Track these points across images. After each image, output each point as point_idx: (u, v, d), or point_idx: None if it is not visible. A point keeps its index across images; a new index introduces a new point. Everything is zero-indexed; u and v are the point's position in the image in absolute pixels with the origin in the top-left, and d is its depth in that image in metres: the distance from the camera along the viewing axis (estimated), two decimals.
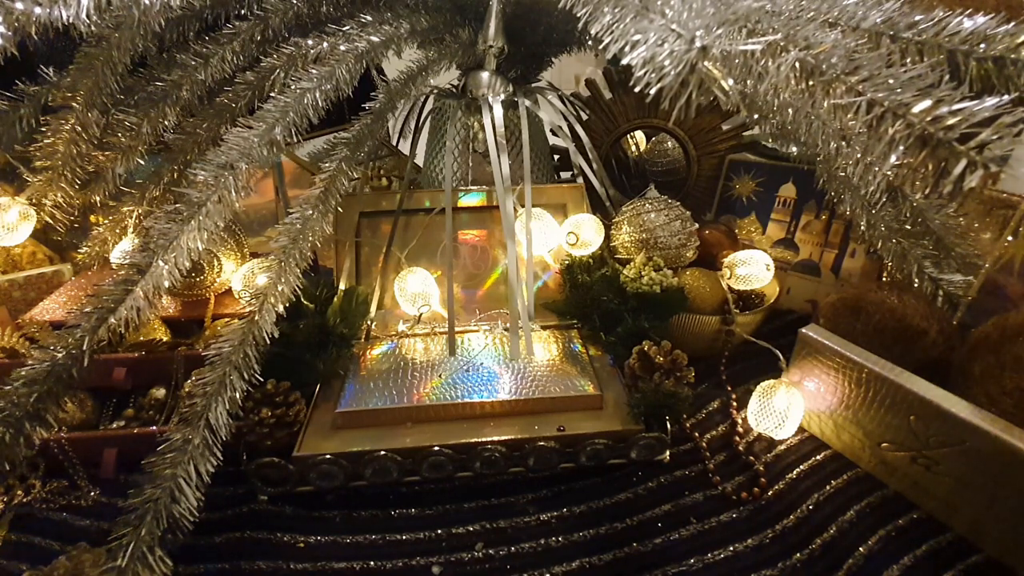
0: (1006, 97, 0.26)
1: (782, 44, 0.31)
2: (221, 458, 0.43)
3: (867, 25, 0.39)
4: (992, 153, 0.25)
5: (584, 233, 0.66)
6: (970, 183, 0.26)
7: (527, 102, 0.69)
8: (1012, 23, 0.36)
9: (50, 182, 0.58)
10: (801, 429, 0.58)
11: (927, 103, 0.27)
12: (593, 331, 0.64)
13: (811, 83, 0.30)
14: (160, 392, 0.59)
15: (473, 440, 0.52)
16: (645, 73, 0.30)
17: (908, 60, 0.36)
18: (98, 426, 0.58)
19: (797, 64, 0.30)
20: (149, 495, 0.39)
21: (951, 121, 0.26)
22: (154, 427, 0.54)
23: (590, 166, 0.77)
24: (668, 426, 0.53)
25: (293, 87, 0.53)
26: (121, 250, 0.66)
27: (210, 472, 0.42)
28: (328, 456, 0.50)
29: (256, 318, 0.47)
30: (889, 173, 0.29)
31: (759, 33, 0.33)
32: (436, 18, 0.67)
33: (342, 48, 0.57)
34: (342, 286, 0.67)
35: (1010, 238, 0.54)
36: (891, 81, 0.28)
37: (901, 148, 0.27)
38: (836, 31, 0.31)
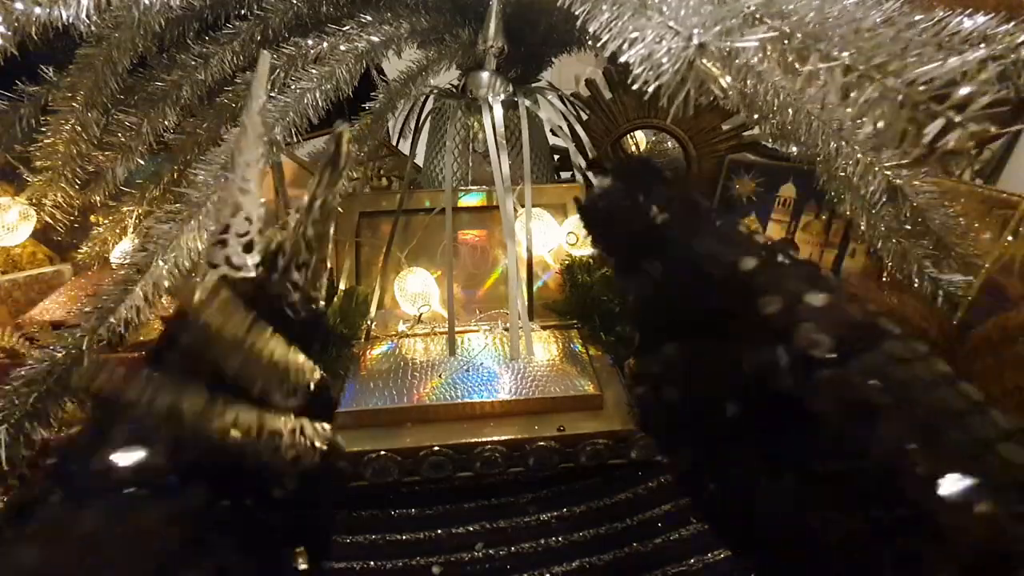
0: (980, 52, 0.26)
1: (757, 16, 0.31)
2: None
3: (867, 25, 0.39)
4: (970, 112, 0.25)
5: (584, 233, 0.66)
6: (948, 144, 0.25)
7: (527, 102, 0.69)
8: (1012, 23, 0.36)
9: (50, 182, 0.58)
10: None
11: (902, 63, 0.27)
12: (593, 331, 0.64)
13: (787, 53, 0.30)
14: None
15: (473, 440, 0.52)
16: (643, 71, 0.31)
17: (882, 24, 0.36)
18: None
19: (772, 34, 0.30)
20: None
21: (924, 83, 0.26)
22: None
23: None
24: None
25: (293, 87, 0.53)
26: (121, 250, 0.66)
27: None
28: None
29: None
30: (889, 173, 0.29)
31: (751, 21, 0.32)
32: (436, 18, 0.67)
33: (342, 48, 0.57)
34: (342, 286, 0.67)
35: (1010, 238, 0.54)
36: (865, 45, 0.28)
37: (877, 112, 0.27)
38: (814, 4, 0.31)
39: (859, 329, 0.21)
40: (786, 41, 0.30)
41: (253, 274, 0.25)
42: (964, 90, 0.25)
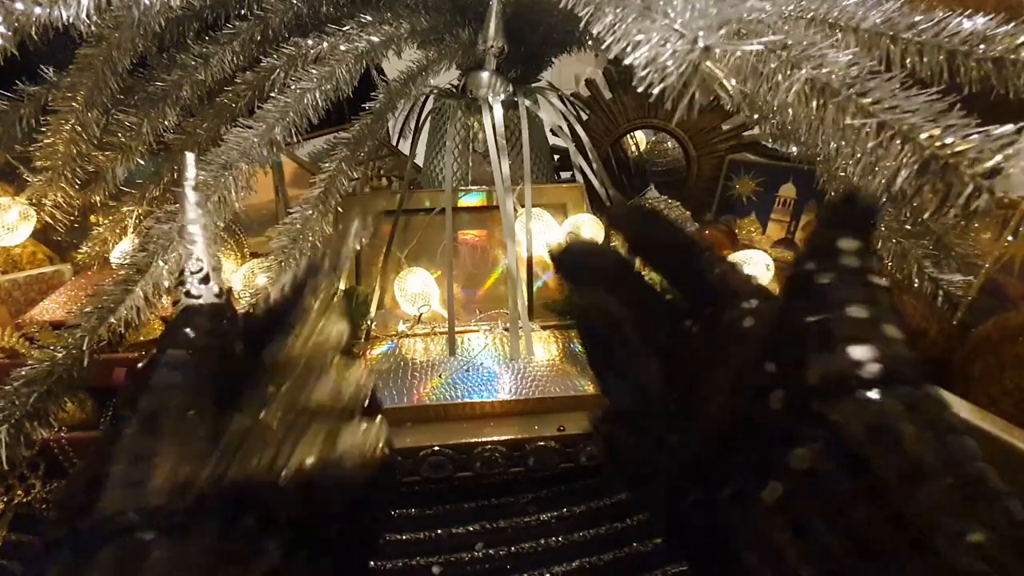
0: (1010, 127, 0.27)
1: (793, 61, 0.31)
2: None
3: (867, 25, 0.39)
4: (999, 178, 0.26)
5: (584, 233, 0.66)
6: (975, 207, 0.26)
7: (527, 102, 0.69)
8: (1012, 24, 0.36)
9: (50, 182, 0.58)
10: None
11: (937, 128, 0.27)
12: None
13: (822, 102, 0.31)
14: None
15: (473, 440, 0.52)
16: (648, 74, 0.31)
17: (914, 72, 0.37)
18: (98, 426, 0.58)
19: (809, 83, 0.31)
20: None
21: (960, 148, 0.27)
22: None
23: (590, 166, 0.77)
24: None
25: (293, 87, 0.53)
26: (121, 250, 0.66)
27: None
28: None
29: None
30: (899, 191, 0.29)
31: (766, 31, 0.33)
32: (436, 18, 0.67)
33: (342, 48, 0.57)
34: (342, 286, 0.67)
35: (1010, 238, 0.54)
36: (903, 105, 0.29)
37: (908, 171, 0.28)
38: (848, 53, 0.32)
39: (904, 361, 0.20)
40: (824, 90, 0.31)
41: (214, 300, 0.27)
42: (998, 158, 0.26)
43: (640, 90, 0.31)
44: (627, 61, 0.32)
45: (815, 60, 0.31)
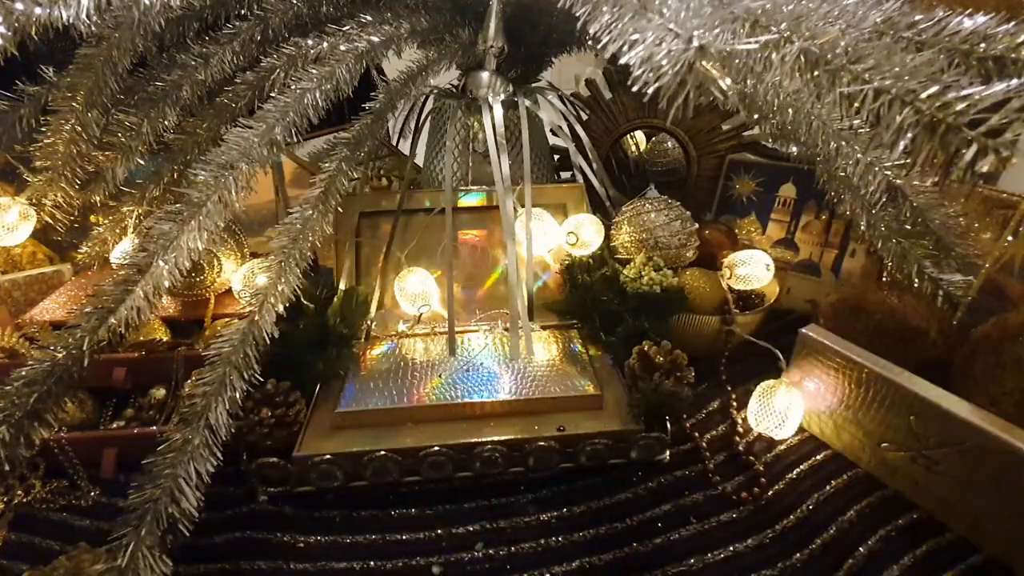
0: (1014, 82, 0.26)
1: (786, 36, 0.31)
2: (221, 458, 0.43)
3: (867, 25, 0.39)
4: (1003, 138, 0.25)
5: (584, 233, 0.66)
6: (981, 168, 0.26)
7: (527, 102, 0.69)
8: (1012, 22, 0.36)
9: (50, 182, 0.58)
10: (801, 429, 0.58)
11: (935, 88, 0.27)
12: (593, 331, 0.64)
13: (816, 73, 0.30)
14: (160, 392, 0.59)
15: (473, 440, 0.52)
16: (643, 72, 0.30)
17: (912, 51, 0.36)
18: (98, 426, 0.58)
19: (802, 55, 0.30)
20: (149, 495, 0.39)
21: (960, 107, 0.26)
22: (154, 427, 0.54)
23: (590, 166, 0.77)
24: (668, 426, 0.53)
25: (293, 87, 0.53)
26: (121, 250, 0.66)
27: (210, 472, 0.42)
28: (328, 456, 0.50)
29: (256, 318, 0.47)
30: (890, 173, 0.29)
31: (760, 30, 0.32)
32: (436, 18, 0.67)
33: (342, 48, 0.57)
34: (342, 286, 0.67)
35: (1010, 238, 0.54)
36: (897, 69, 0.28)
37: (909, 135, 0.27)
38: (839, 24, 0.31)
39: None
40: (814, 61, 0.30)
41: None
42: (997, 116, 0.25)
43: (635, 89, 0.31)
44: (623, 60, 0.32)
45: (807, 33, 0.31)
